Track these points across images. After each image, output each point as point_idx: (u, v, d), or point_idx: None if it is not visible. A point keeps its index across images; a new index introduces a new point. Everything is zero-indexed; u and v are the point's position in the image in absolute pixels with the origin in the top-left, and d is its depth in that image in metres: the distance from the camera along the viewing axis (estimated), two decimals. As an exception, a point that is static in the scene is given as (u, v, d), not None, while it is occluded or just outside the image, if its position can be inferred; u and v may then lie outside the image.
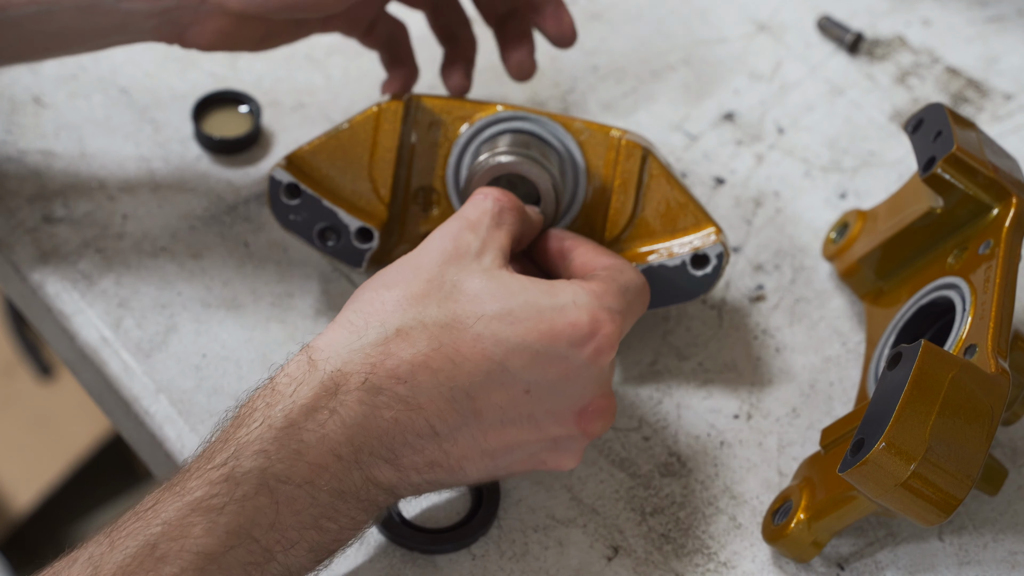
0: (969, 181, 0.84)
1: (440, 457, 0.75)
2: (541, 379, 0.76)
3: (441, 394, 0.74)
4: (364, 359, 0.74)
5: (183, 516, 0.70)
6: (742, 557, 0.85)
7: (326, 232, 0.90)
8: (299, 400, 0.73)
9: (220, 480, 0.71)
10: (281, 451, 0.72)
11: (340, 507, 0.73)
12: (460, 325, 0.75)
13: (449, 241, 0.79)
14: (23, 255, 0.94)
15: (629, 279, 0.81)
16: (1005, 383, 0.76)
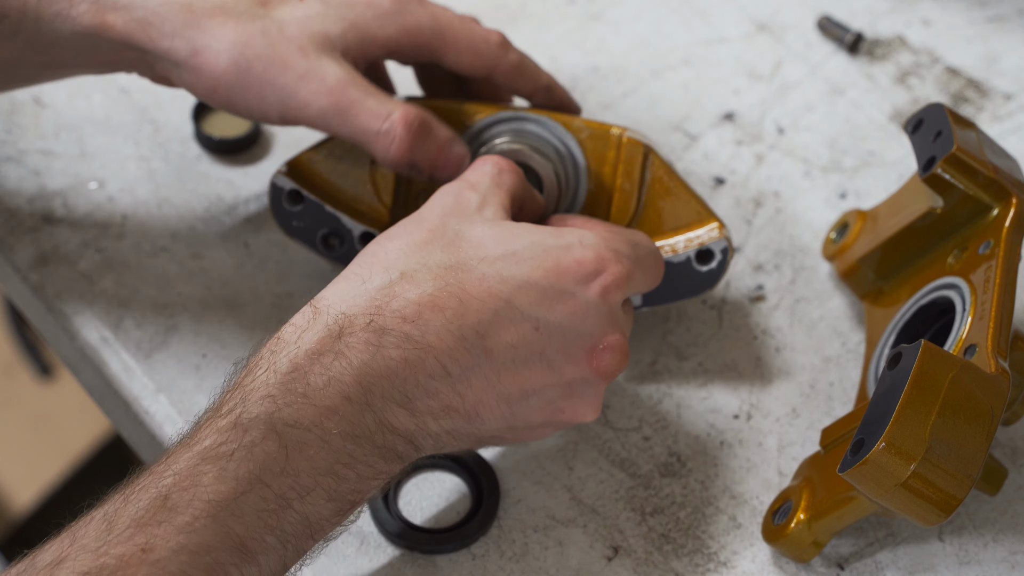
0: (969, 181, 0.84)
1: (455, 400, 0.75)
2: (549, 316, 0.76)
3: (450, 332, 0.74)
4: (369, 302, 0.74)
5: (193, 465, 0.69)
6: (742, 557, 0.85)
7: (329, 238, 0.90)
8: (304, 345, 0.73)
9: (227, 427, 0.70)
10: (287, 395, 0.71)
11: (356, 452, 0.72)
12: (465, 266, 0.75)
13: (450, 198, 0.80)
14: (23, 255, 0.94)
15: (640, 237, 0.82)
16: (1005, 383, 0.76)
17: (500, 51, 0.89)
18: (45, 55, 0.85)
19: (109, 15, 0.83)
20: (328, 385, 0.72)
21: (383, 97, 0.84)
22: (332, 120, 0.84)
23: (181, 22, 0.83)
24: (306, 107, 0.83)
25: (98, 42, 0.84)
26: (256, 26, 0.83)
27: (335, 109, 0.83)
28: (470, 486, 0.86)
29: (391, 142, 0.84)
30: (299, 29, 0.83)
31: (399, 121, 0.83)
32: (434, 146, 0.85)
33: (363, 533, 0.84)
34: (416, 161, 0.85)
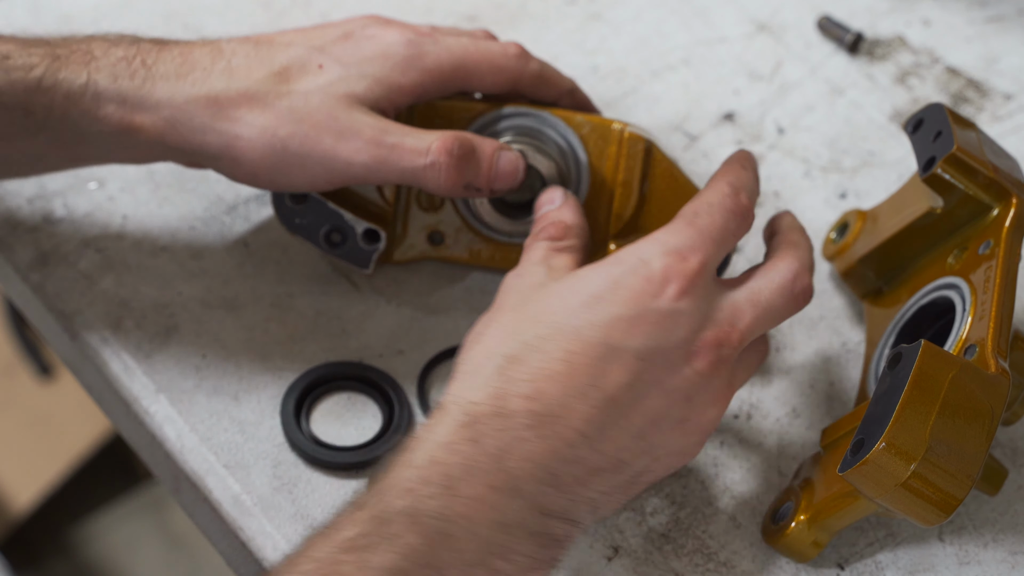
0: (969, 181, 0.84)
1: (598, 460, 0.74)
2: (644, 341, 0.76)
3: (572, 396, 0.74)
4: (489, 391, 0.74)
5: (333, 556, 0.68)
6: (742, 557, 0.85)
7: (332, 234, 0.90)
8: (438, 439, 0.72)
9: (367, 519, 0.69)
10: (427, 487, 0.70)
11: (508, 542, 0.71)
12: (558, 330, 0.76)
13: (517, 279, 0.81)
14: (23, 255, 0.94)
15: (697, 206, 0.81)
16: (1005, 383, 0.76)
17: (520, 63, 0.89)
18: (72, 151, 0.86)
19: (137, 116, 0.84)
20: (469, 475, 0.71)
21: (419, 133, 0.84)
22: (379, 170, 0.84)
23: (209, 116, 0.83)
24: (350, 166, 0.84)
25: (127, 141, 0.85)
26: (283, 105, 0.83)
27: (377, 160, 0.84)
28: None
29: (439, 173, 0.84)
30: (324, 96, 0.84)
31: (440, 151, 0.84)
32: (483, 162, 0.85)
33: (363, 533, 0.84)
34: (470, 182, 0.85)
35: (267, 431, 0.87)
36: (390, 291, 0.94)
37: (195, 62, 0.84)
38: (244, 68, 0.85)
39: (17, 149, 0.85)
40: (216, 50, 0.85)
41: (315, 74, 0.85)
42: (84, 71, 0.83)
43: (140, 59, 0.84)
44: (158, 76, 0.84)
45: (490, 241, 0.92)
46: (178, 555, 1.75)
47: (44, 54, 0.83)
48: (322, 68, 0.85)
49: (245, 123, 0.83)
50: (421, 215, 0.92)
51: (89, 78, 0.83)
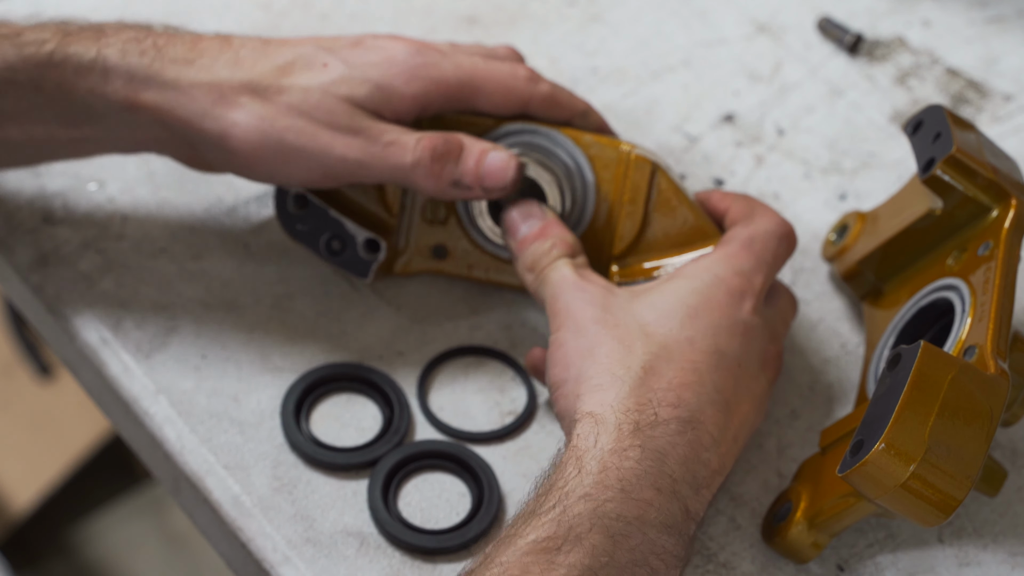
0: (968, 183, 0.84)
1: (717, 463, 0.79)
2: (739, 349, 0.81)
3: (704, 402, 0.78)
4: (636, 401, 0.77)
5: (519, 558, 0.70)
6: (741, 558, 0.85)
7: (333, 242, 0.90)
8: (605, 446, 0.75)
9: (550, 523, 0.72)
10: (605, 491, 0.73)
11: (667, 543, 0.74)
12: (674, 341, 0.80)
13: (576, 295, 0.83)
14: (23, 256, 0.94)
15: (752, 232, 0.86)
16: (1004, 384, 0.76)
17: (530, 85, 0.90)
18: (76, 131, 0.86)
19: (142, 93, 0.84)
20: (640, 479, 0.74)
21: (411, 132, 0.85)
22: (371, 167, 0.85)
23: (210, 102, 0.84)
24: (343, 162, 0.84)
25: (130, 119, 0.85)
26: (282, 100, 0.84)
27: (369, 156, 0.84)
28: (470, 487, 0.86)
29: (424, 171, 0.85)
30: (324, 95, 0.84)
31: (424, 149, 0.85)
32: (469, 160, 0.86)
33: (363, 534, 0.84)
34: (458, 180, 0.86)
35: (267, 432, 0.87)
36: (390, 293, 0.94)
37: (204, 50, 0.86)
38: (250, 60, 0.85)
39: (26, 132, 0.86)
40: (226, 42, 0.87)
41: (318, 71, 0.85)
42: (94, 46, 0.84)
43: (151, 40, 0.85)
44: (167, 59, 0.85)
45: (493, 258, 0.92)
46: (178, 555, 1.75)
47: (56, 30, 0.85)
48: (326, 66, 0.85)
49: (243, 111, 0.84)
50: (425, 228, 0.92)
51: (99, 52, 0.84)
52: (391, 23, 1.08)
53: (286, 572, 0.82)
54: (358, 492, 0.85)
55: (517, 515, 0.74)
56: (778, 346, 0.85)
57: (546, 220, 0.87)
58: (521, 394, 0.90)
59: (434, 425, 0.89)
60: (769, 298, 0.86)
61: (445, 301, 0.94)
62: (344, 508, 0.85)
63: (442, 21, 1.10)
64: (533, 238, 0.86)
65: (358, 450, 0.86)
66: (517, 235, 0.87)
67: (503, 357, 0.92)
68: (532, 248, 0.86)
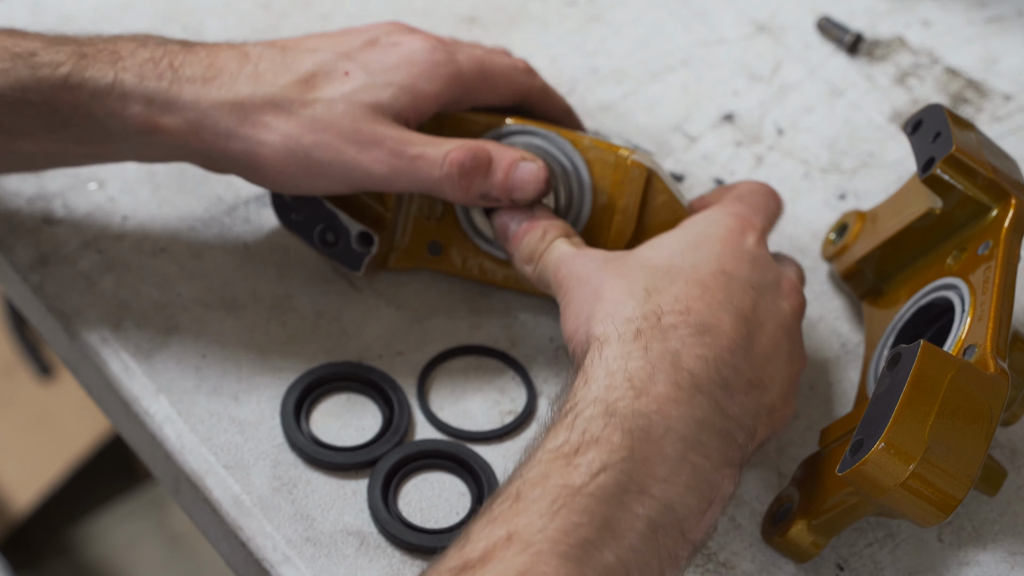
0: (968, 182, 0.84)
1: (750, 373, 0.78)
2: (749, 274, 0.81)
3: (718, 312, 0.78)
4: (643, 313, 0.77)
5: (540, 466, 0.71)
6: (741, 558, 0.85)
7: (327, 234, 0.90)
8: (611, 356, 0.75)
9: (565, 428, 0.72)
10: (614, 392, 0.73)
11: (702, 437, 0.73)
12: (677, 268, 0.80)
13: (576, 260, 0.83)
14: (23, 256, 0.94)
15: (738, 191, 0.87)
16: (1004, 383, 0.76)
17: (528, 78, 0.91)
18: (94, 148, 0.86)
19: (162, 118, 0.84)
20: (651, 377, 0.74)
21: (437, 143, 0.85)
22: (398, 181, 0.85)
23: (234, 121, 0.84)
24: (370, 176, 0.85)
25: (151, 142, 0.85)
26: (307, 113, 0.84)
27: (396, 171, 0.85)
28: (470, 486, 0.86)
29: (453, 184, 0.85)
30: (348, 105, 0.84)
31: (453, 163, 0.85)
32: (498, 173, 0.86)
33: (363, 533, 0.84)
34: (486, 192, 0.86)
35: (267, 431, 0.87)
36: (390, 292, 0.94)
37: (222, 66, 0.85)
38: (271, 74, 0.85)
39: (40, 146, 0.86)
40: (243, 54, 0.86)
41: (340, 81, 0.85)
42: (111, 70, 0.84)
43: (167, 61, 0.84)
44: (185, 79, 0.84)
45: (489, 257, 0.92)
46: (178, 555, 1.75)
47: (71, 52, 0.84)
48: (348, 75, 0.85)
49: (269, 129, 0.84)
50: (421, 224, 0.92)
51: (116, 77, 0.83)
52: (391, 23, 1.08)
53: (286, 571, 0.82)
54: (358, 491, 0.85)
55: (534, 436, 0.75)
56: (793, 280, 0.84)
57: (534, 212, 0.87)
58: (521, 394, 0.90)
59: (434, 425, 0.89)
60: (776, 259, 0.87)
61: (445, 301, 0.94)
62: (344, 507, 0.85)
63: (442, 21, 1.10)
64: (524, 231, 0.86)
65: (358, 449, 0.86)
66: (508, 233, 0.87)
67: (503, 357, 0.92)
68: (526, 240, 0.86)
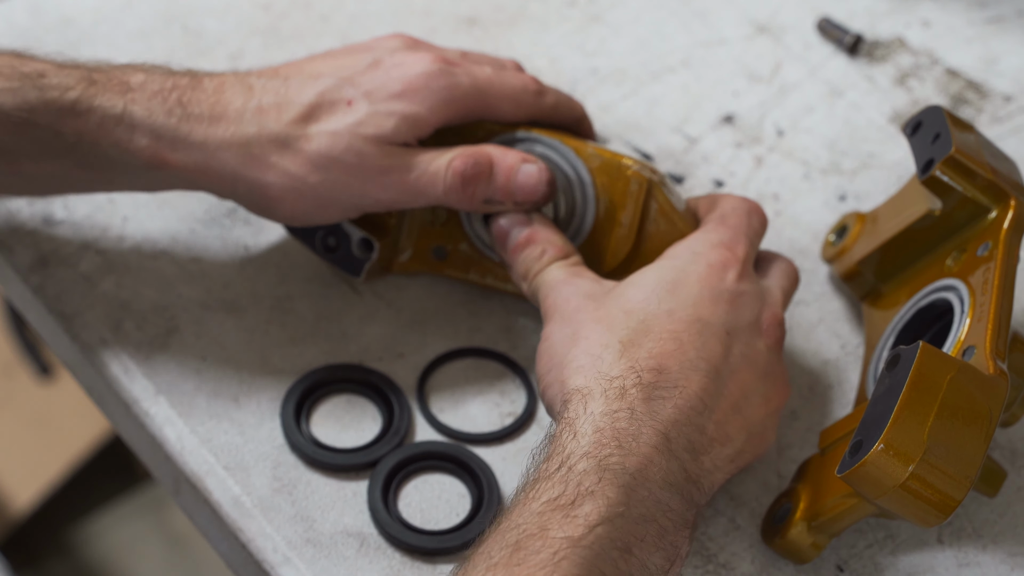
0: (967, 183, 0.84)
1: (713, 431, 0.78)
2: (726, 317, 0.81)
3: (688, 369, 0.78)
4: (621, 368, 0.78)
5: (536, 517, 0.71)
6: (741, 559, 0.85)
7: (328, 239, 0.90)
8: (595, 411, 0.76)
9: (559, 483, 0.73)
10: (605, 448, 0.74)
11: (671, 501, 0.74)
12: (653, 316, 0.80)
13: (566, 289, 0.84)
14: (23, 257, 0.94)
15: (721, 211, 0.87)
16: (1003, 384, 0.76)
17: (537, 99, 0.91)
18: (97, 176, 0.87)
19: (170, 154, 0.84)
20: (635, 438, 0.75)
21: (438, 157, 0.86)
22: (407, 201, 0.87)
23: (240, 164, 0.84)
24: (379, 201, 0.86)
25: (156, 176, 0.85)
26: (311, 149, 0.84)
27: (403, 193, 0.86)
28: (470, 488, 0.86)
29: (456, 196, 0.86)
30: (352, 139, 0.85)
31: (454, 175, 0.85)
32: (500, 177, 0.86)
33: (363, 535, 0.84)
34: (490, 197, 0.87)
35: (267, 433, 0.87)
36: (390, 295, 0.94)
37: (227, 103, 0.85)
38: (274, 109, 0.85)
39: (42, 169, 0.86)
40: (247, 88, 0.86)
41: (343, 112, 0.85)
42: (120, 101, 0.84)
43: (176, 96, 0.85)
44: (193, 117, 0.84)
45: (492, 262, 0.92)
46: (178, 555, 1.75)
47: (80, 77, 0.84)
48: (350, 105, 0.85)
49: (276, 171, 0.85)
50: (426, 229, 0.92)
51: (125, 109, 0.84)
52: (391, 24, 1.08)
53: (286, 573, 0.82)
54: (358, 493, 0.85)
55: (520, 486, 0.75)
56: (775, 310, 0.84)
57: (533, 226, 0.87)
58: (520, 396, 0.91)
59: (434, 426, 0.89)
60: (762, 269, 0.87)
61: (445, 303, 0.94)
62: (344, 509, 0.85)
63: (442, 22, 1.10)
64: (522, 245, 0.87)
65: (358, 451, 0.87)
66: (507, 243, 0.87)
67: (503, 359, 0.92)
68: (523, 256, 0.86)
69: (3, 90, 0.82)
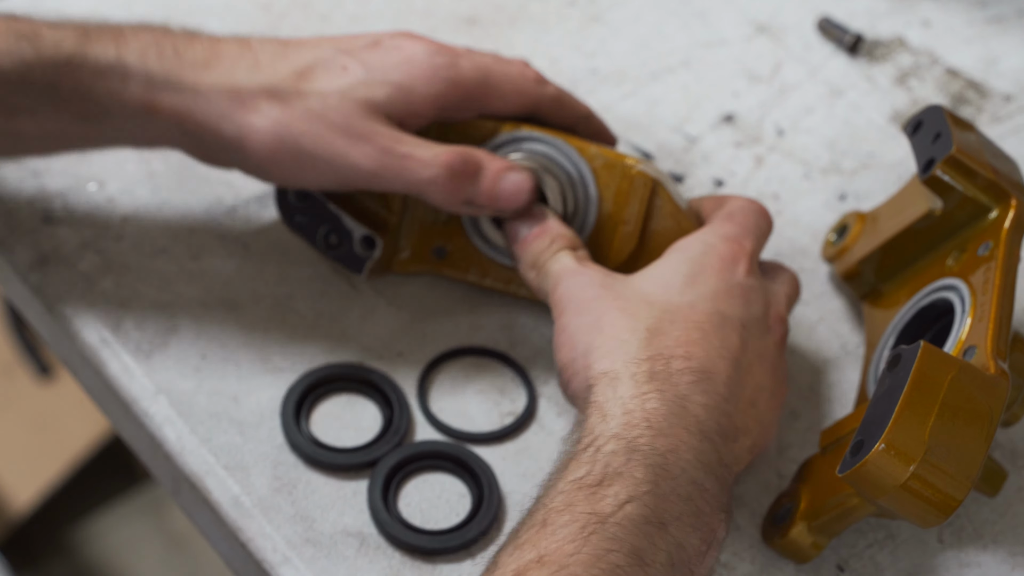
0: (968, 183, 0.84)
1: (738, 420, 0.79)
2: (741, 311, 0.82)
3: (714, 356, 0.79)
4: (650, 355, 0.78)
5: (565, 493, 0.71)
6: (741, 559, 0.85)
7: (330, 236, 0.90)
8: (624, 394, 0.76)
9: (587, 462, 0.73)
10: (634, 430, 0.74)
11: (706, 482, 0.74)
12: (675, 306, 0.81)
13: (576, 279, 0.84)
14: (23, 256, 0.94)
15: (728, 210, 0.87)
16: (1004, 384, 0.76)
17: (539, 87, 0.90)
18: (91, 128, 0.87)
19: (160, 96, 0.85)
20: (666, 419, 0.75)
21: (429, 146, 0.86)
22: (385, 178, 0.85)
23: (228, 106, 0.85)
24: (357, 170, 0.85)
25: (146, 121, 0.86)
26: (300, 105, 0.85)
27: (384, 167, 0.85)
28: (470, 488, 0.86)
29: (439, 188, 0.85)
30: (342, 99, 0.85)
31: (442, 166, 0.85)
32: (485, 181, 0.86)
33: (363, 535, 0.84)
34: (471, 199, 0.86)
35: (267, 432, 0.87)
36: (390, 293, 0.94)
37: (223, 53, 0.86)
38: (269, 63, 0.86)
39: (39, 125, 0.86)
40: (244, 45, 0.87)
41: (337, 75, 0.86)
42: (114, 48, 0.84)
43: (170, 43, 0.85)
44: (186, 63, 0.85)
45: (492, 263, 0.92)
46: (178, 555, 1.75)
47: (75, 30, 0.85)
48: (345, 70, 0.86)
49: (261, 115, 0.84)
50: (427, 228, 0.92)
51: (118, 56, 0.84)
52: (391, 24, 1.08)
53: (286, 572, 0.82)
54: (358, 492, 0.85)
55: (552, 470, 0.75)
56: (779, 309, 0.85)
57: (546, 221, 0.87)
58: (521, 395, 0.90)
59: (434, 426, 0.89)
60: (767, 273, 0.87)
61: (445, 302, 0.94)
62: (344, 508, 0.85)
63: (442, 22, 1.10)
64: (533, 237, 0.87)
65: (358, 450, 0.86)
66: (518, 238, 0.87)
67: (503, 358, 0.92)
68: (532, 247, 0.87)
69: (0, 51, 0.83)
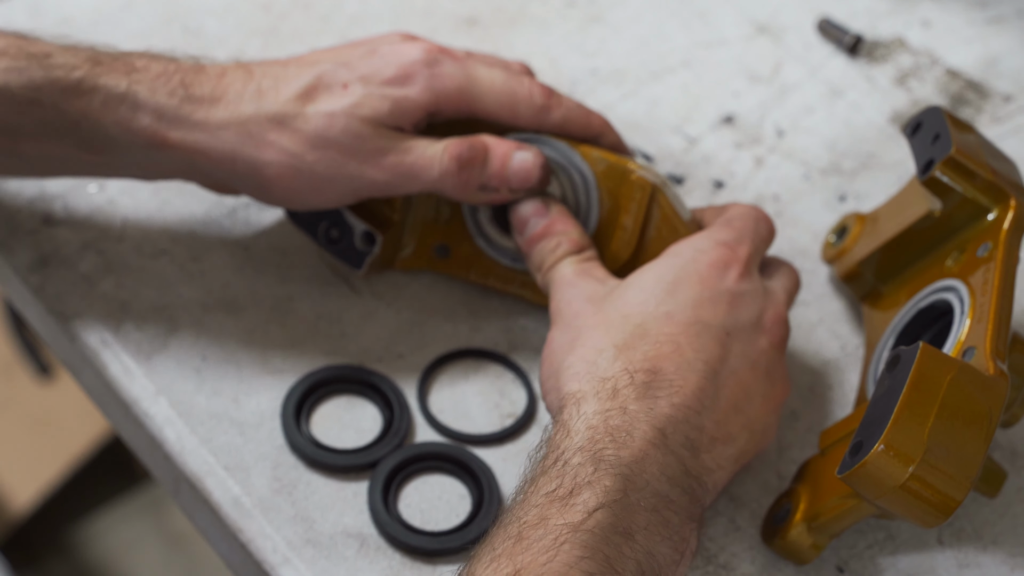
0: (967, 184, 0.84)
1: (714, 430, 0.79)
2: (726, 318, 0.81)
3: (684, 368, 0.79)
4: (617, 369, 0.78)
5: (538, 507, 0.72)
6: (741, 559, 0.85)
7: (331, 231, 0.90)
8: (588, 411, 0.76)
9: (556, 477, 0.73)
10: (598, 443, 0.75)
11: (672, 494, 0.75)
12: (652, 318, 0.80)
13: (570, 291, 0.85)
14: (23, 257, 0.94)
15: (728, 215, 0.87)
16: (1003, 385, 0.76)
17: (542, 114, 0.90)
18: (98, 156, 0.87)
19: (170, 132, 0.85)
20: (629, 434, 0.75)
21: (434, 143, 0.87)
22: (402, 185, 0.87)
23: (239, 142, 0.85)
24: (374, 184, 0.86)
25: (156, 156, 0.86)
26: (308, 129, 0.85)
27: (399, 176, 0.86)
28: (470, 489, 0.86)
29: (452, 179, 0.86)
30: (349, 119, 0.85)
31: (450, 159, 0.86)
32: (495, 162, 0.87)
33: (363, 535, 0.84)
34: (485, 183, 0.87)
35: (267, 433, 0.87)
36: (390, 295, 0.94)
37: (227, 85, 0.86)
38: (272, 90, 0.86)
39: (44, 149, 0.86)
40: (247, 73, 0.87)
41: (339, 95, 0.86)
42: (125, 80, 0.85)
43: (179, 78, 0.86)
44: (194, 98, 0.85)
45: (495, 263, 0.92)
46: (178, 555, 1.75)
47: (86, 57, 0.85)
48: (346, 88, 0.86)
49: (274, 149, 0.85)
50: (429, 226, 0.92)
51: (129, 88, 0.84)
52: (391, 24, 1.08)
53: (286, 573, 0.82)
54: (358, 493, 0.85)
55: (519, 486, 0.75)
56: (778, 309, 0.85)
57: (552, 216, 0.88)
58: (521, 396, 0.91)
59: (434, 427, 0.89)
60: (765, 272, 0.87)
61: (445, 303, 0.94)
62: (344, 509, 0.85)
63: (442, 22, 1.10)
64: (540, 236, 0.87)
65: (358, 452, 0.87)
66: (525, 232, 0.88)
67: (503, 359, 0.92)
68: (539, 247, 0.87)
69: (9, 69, 0.83)
